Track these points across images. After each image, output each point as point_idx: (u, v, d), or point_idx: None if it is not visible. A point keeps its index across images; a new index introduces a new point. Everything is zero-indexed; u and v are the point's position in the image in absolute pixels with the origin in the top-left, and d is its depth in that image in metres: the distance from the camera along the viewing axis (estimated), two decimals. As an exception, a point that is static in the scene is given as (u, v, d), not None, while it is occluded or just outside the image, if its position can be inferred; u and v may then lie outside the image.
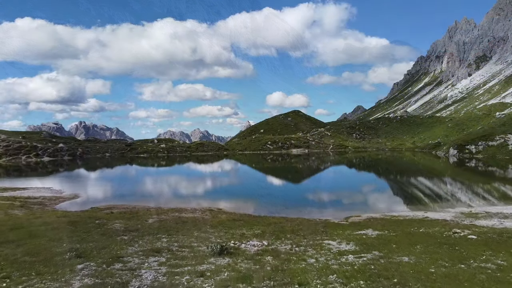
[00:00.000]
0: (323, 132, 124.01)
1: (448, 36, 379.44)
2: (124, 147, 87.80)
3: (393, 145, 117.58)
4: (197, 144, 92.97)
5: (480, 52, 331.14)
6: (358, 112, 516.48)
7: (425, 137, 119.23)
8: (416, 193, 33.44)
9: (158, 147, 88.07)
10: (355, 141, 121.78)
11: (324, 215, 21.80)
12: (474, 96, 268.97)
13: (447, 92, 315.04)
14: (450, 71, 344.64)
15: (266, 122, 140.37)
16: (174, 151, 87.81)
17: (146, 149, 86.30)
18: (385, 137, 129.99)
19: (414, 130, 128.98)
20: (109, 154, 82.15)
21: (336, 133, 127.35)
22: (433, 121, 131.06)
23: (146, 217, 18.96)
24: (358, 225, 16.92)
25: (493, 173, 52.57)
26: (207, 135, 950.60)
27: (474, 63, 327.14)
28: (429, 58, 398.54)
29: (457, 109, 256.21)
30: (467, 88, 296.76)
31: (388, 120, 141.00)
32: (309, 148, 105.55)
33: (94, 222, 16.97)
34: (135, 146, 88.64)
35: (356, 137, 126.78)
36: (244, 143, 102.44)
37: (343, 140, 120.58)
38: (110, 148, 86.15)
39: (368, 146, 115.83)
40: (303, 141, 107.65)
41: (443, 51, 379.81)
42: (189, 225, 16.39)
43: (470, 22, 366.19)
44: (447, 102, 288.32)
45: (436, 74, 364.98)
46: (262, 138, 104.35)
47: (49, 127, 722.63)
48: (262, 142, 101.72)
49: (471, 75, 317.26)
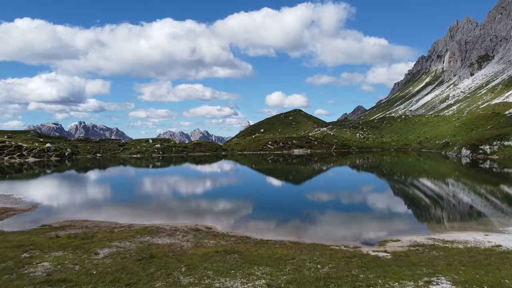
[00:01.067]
0: (325, 131, 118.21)
1: (449, 36, 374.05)
2: (116, 147, 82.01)
3: (399, 145, 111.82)
4: (194, 144, 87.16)
5: (482, 51, 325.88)
6: (359, 112, 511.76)
7: (432, 137, 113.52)
8: (450, 203, 27.70)
9: (153, 147, 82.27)
10: (359, 141, 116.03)
11: (347, 237, 16.15)
12: (477, 95, 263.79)
13: (449, 91, 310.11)
14: (452, 71, 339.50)
15: (267, 122, 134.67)
16: (170, 151, 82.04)
17: (139, 149, 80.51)
18: (390, 137, 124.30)
19: (420, 130, 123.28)
20: (100, 155, 76.38)
21: (339, 133, 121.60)
22: (439, 120, 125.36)
23: (102, 244, 13.28)
24: (408, 262, 11.24)
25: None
26: (207, 135, 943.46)
27: (476, 63, 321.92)
28: (430, 58, 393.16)
29: (460, 109, 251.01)
30: (469, 87, 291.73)
31: (392, 119, 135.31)
32: (312, 148, 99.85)
33: (18, 257, 11.34)
34: (129, 146, 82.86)
35: (359, 137, 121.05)
36: (243, 143, 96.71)
37: (346, 139, 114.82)
38: (102, 148, 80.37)
39: (373, 146, 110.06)
40: (305, 141, 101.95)
41: (444, 51, 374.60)
42: (156, 264, 10.68)
43: (471, 21, 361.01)
44: (449, 102, 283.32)
45: (438, 73, 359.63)
46: (262, 138, 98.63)
47: (48, 127, 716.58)
48: (262, 142, 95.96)
49: (473, 74, 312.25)
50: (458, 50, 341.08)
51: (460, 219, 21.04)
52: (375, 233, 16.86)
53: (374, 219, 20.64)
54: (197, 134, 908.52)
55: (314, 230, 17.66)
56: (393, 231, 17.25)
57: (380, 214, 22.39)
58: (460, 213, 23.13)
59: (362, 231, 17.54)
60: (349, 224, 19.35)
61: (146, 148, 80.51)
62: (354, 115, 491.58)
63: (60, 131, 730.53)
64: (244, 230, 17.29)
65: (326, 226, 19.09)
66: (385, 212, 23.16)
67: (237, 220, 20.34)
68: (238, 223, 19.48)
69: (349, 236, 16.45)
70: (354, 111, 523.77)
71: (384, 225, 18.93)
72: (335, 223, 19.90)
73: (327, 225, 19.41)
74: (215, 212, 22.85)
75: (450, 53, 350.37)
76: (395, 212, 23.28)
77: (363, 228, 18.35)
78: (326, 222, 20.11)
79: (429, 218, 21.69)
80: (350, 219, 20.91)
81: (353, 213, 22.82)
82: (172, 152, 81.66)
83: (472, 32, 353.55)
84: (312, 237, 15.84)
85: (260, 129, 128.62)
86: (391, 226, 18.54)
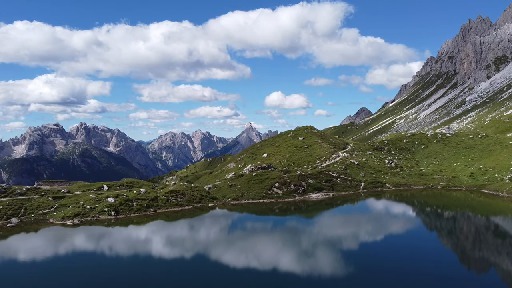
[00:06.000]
0: (347, 158, 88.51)
1: (461, 36, 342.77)
2: (49, 203, 52.45)
3: (444, 179, 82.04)
4: (168, 194, 57.55)
5: (499, 52, 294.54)
6: (363, 114, 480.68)
7: (486, 167, 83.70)
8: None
9: (103, 202, 52.73)
10: (391, 172, 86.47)
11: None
12: (498, 101, 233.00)
13: (465, 95, 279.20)
14: (466, 73, 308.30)
15: (271, 142, 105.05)
16: (128, 209, 52.64)
17: (81, 207, 50.90)
18: (427, 163, 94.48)
19: (466, 155, 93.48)
20: (17, 220, 47.01)
21: (363, 158, 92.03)
22: (490, 143, 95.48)
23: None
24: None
25: None
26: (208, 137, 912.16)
27: (493, 65, 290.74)
28: (440, 59, 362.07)
29: (480, 116, 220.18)
30: (487, 91, 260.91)
31: (425, 139, 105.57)
32: (333, 188, 70.40)
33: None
34: (68, 201, 53.30)
35: (390, 164, 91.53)
36: (238, 184, 67.26)
37: (375, 170, 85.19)
38: (25, 205, 50.89)
39: (412, 181, 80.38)
40: (325, 178, 72.46)
41: (456, 52, 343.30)
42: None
43: (485, 20, 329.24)
44: (467, 107, 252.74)
45: (450, 75, 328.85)
46: (266, 176, 69.10)
47: (50, 128, 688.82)
48: (266, 183, 66.45)
49: (490, 77, 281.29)
50: (473, 51, 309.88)
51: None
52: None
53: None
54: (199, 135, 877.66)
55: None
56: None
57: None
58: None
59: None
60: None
61: (92, 206, 51.25)
62: (358, 117, 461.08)
63: (61, 132, 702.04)
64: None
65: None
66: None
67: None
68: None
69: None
70: (358, 113, 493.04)
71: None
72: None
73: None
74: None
75: (463, 54, 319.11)
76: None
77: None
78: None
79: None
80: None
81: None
82: (133, 211, 52.46)
83: (486, 32, 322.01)
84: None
85: (263, 152, 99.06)
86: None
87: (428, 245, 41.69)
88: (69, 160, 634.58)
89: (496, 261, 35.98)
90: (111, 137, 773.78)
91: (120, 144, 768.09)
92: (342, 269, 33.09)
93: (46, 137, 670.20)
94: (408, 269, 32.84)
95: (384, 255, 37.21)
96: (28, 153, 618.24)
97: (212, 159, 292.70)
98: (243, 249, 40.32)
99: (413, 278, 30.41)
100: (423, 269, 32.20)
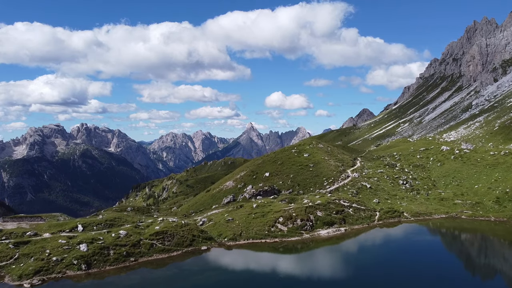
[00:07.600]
0: (359, 181, 78.87)
1: (466, 37, 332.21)
2: (9, 252, 43.16)
3: (467, 205, 72.48)
4: (153, 236, 47.95)
5: (506, 55, 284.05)
6: (365, 116, 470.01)
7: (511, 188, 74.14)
8: None
9: (74, 250, 43.37)
10: (407, 196, 76.95)
11: None
12: (507, 105, 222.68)
13: (471, 99, 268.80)
14: (472, 76, 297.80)
15: (273, 158, 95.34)
16: (104, 259, 43.25)
17: (46, 258, 41.51)
18: (445, 184, 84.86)
19: (488, 176, 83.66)
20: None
21: (375, 178, 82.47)
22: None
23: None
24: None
25: None
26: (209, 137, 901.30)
27: (500, 67, 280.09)
28: (444, 61, 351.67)
29: (488, 121, 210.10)
30: (494, 95, 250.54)
31: (441, 155, 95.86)
32: (346, 221, 60.80)
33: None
34: (31, 250, 43.89)
35: (405, 185, 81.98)
36: (237, 218, 57.67)
37: (390, 196, 75.61)
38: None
39: (432, 209, 70.75)
40: (335, 208, 62.91)
41: (461, 54, 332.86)
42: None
43: (491, 22, 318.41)
44: (473, 112, 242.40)
45: (455, 78, 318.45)
46: (269, 209, 59.55)
47: (50, 129, 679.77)
48: (268, 218, 56.86)
49: (497, 80, 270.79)
50: (479, 53, 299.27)
51: None
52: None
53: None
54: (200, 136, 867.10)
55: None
56: None
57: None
58: None
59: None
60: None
61: (59, 257, 41.87)
62: (360, 119, 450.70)
63: (62, 133, 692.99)
64: None
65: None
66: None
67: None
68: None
69: None
70: (360, 114, 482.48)
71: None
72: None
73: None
74: None
75: (469, 56, 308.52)
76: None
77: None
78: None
79: None
80: None
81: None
82: (109, 262, 43.10)
83: (492, 34, 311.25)
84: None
85: (265, 170, 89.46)
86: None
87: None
88: (69, 160, 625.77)
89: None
90: (112, 138, 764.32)
91: (121, 144, 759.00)
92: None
93: (47, 137, 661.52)
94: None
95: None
96: (28, 154, 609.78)
97: (213, 162, 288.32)
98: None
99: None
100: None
